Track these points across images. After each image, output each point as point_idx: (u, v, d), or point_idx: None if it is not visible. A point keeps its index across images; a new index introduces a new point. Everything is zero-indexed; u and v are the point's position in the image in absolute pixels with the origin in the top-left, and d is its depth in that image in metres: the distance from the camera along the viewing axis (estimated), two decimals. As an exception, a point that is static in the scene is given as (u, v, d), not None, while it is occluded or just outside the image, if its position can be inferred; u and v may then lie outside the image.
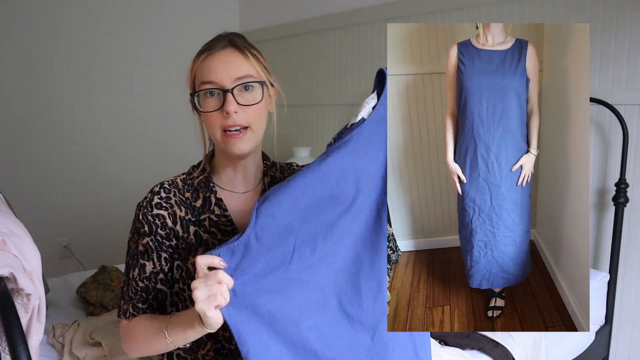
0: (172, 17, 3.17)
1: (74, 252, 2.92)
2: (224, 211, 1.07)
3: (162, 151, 3.18)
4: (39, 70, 2.74)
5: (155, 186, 1.08)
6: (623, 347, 2.01)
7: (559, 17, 2.03)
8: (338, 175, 0.92)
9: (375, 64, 2.68)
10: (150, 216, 1.03)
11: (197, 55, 1.04)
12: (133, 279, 1.04)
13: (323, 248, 0.92)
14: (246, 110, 0.99)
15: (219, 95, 0.99)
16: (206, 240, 1.05)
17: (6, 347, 0.85)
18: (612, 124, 1.94)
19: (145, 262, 1.04)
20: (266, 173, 1.13)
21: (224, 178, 1.09)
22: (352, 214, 0.94)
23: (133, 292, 1.04)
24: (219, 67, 0.99)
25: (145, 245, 1.04)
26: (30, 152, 2.76)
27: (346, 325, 0.94)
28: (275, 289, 0.89)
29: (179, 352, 1.08)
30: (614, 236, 1.91)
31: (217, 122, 0.99)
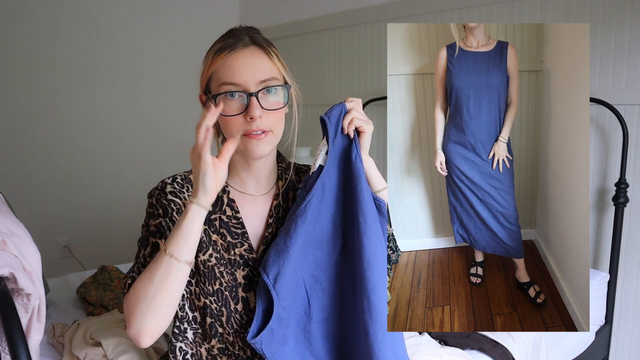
0: (173, 16, 3.17)
1: (74, 252, 2.93)
2: (235, 212, 1.05)
3: (163, 151, 3.18)
4: (39, 70, 2.74)
5: (167, 178, 1.05)
6: (623, 347, 2.01)
7: (559, 17, 2.03)
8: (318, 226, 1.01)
9: (375, 64, 2.68)
10: (164, 200, 1.01)
11: (216, 52, 0.98)
12: (143, 257, 0.99)
13: (330, 287, 1.03)
14: (269, 114, 0.97)
15: (240, 98, 0.96)
16: (215, 240, 1.03)
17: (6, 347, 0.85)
18: (612, 124, 1.94)
19: (158, 240, 0.99)
20: (280, 176, 1.11)
21: (237, 179, 1.07)
22: (346, 256, 1.03)
23: (139, 270, 0.98)
24: (243, 68, 0.96)
25: (158, 226, 1.00)
26: (31, 152, 2.76)
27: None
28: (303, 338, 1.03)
29: (181, 346, 1.05)
30: (614, 236, 1.91)
31: (238, 126, 0.96)
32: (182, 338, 1.04)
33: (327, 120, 1.00)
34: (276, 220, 1.07)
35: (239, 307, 1.02)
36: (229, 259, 1.03)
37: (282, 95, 1.00)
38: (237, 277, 1.03)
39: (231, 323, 1.02)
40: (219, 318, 1.02)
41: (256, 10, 3.37)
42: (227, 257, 1.03)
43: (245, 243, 1.04)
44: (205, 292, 1.01)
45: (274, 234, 1.07)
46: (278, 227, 1.07)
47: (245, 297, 1.03)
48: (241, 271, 1.03)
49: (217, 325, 1.02)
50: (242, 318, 1.03)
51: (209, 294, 1.01)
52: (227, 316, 1.02)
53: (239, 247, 1.04)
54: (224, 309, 1.02)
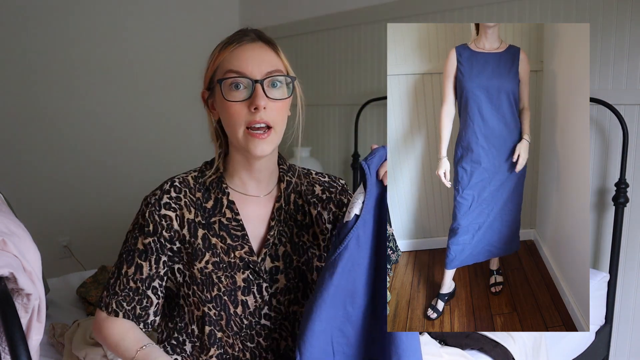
0: (172, 16, 3.17)
1: (74, 252, 2.92)
2: (235, 215, 1.03)
3: (163, 151, 3.18)
4: (38, 69, 2.74)
5: (165, 183, 1.04)
6: (623, 347, 2.01)
7: (559, 17, 2.03)
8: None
9: (375, 64, 2.68)
10: (157, 215, 1.00)
11: (224, 46, 0.99)
12: (125, 275, 1.00)
13: (357, 341, 0.98)
14: (273, 107, 0.96)
15: (246, 89, 0.95)
16: (214, 244, 1.02)
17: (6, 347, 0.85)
18: (612, 124, 1.94)
19: (143, 262, 1.00)
20: (282, 178, 1.09)
21: (237, 180, 1.06)
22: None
23: (120, 289, 1.00)
24: (250, 58, 0.96)
25: (146, 245, 1.00)
26: (30, 152, 2.76)
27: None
28: None
29: (177, 358, 1.05)
30: (614, 236, 1.91)
31: (241, 117, 0.95)
32: (180, 350, 1.04)
33: (366, 169, 0.94)
34: (278, 223, 1.06)
35: (239, 310, 1.02)
36: (228, 262, 1.02)
37: (287, 89, 1.00)
38: (237, 280, 1.02)
39: (231, 326, 1.02)
40: (218, 323, 1.01)
41: (256, 10, 3.37)
42: (226, 260, 1.02)
43: (246, 245, 1.03)
44: (203, 300, 1.00)
45: (276, 236, 1.06)
46: (280, 229, 1.06)
47: (245, 300, 1.02)
48: (241, 274, 1.02)
49: (217, 331, 1.01)
50: (242, 321, 1.02)
51: (207, 301, 1.01)
52: (227, 320, 1.01)
53: (239, 250, 1.03)
54: (223, 313, 1.01)
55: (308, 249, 1.08)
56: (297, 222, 1.09)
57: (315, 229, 1.09)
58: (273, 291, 1.04)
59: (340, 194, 1.13)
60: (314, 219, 1.10)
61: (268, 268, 1.04)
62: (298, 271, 1.06)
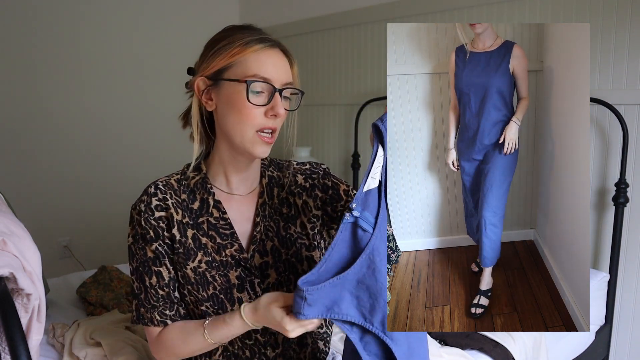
0: (172, 16, 3.17)
1: (74, 252, 2.93)
2: (222, 214, 1.04)
3: (162, 150, 3.18)
4: (37, 69, 2.74)
5: (149, 187, 1.04)
6: (623, 347, 2.01)
7: (559, 17, 2.03)
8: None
9: (375, 64, 2.68)
10: (152, 220, 1.00)
11: (247, 43, 0.96)
12: (151, 286, 1.01)
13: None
14: (282, 115, 0.98)
15: (264, 94, 0.96)
16: (205, 244, 1.03)
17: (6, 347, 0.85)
18: (612, 124, 1.94)
19: (160, 268, 1.01)
20: (263, 174, 1.11)
21: (222, 179, 1.06)
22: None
23: (154, 300, 1.01)
24: (274, 66, 0.97)
25: (155, 251, 1.01)
26: (30, 152, 2.76)
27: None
28: None
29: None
30: (614, 236, 1.91)
31: (256, 120, 0.95)
32: None
33: (383, 129, 0.86)
34: (263, 218, 1.07)
35: (235, 307, 1.02)
36: (220, 261, 1.03)
37: (295, 102, 1.02)
38: (231, 279, 1.03)
39: None
40: None
41: (256, 10, 3.37)
42: (218, 260, 1.03)
43: (235, 243, 1.04)
44: (200, 300, 1.01)
45: (262, 232, 1.07)
46: (266, 224, 1.07)
47: (240, 297, 1.03)
48: (234, 272, 1.03)
49: None
50: None
51: (204, 300, 1.01)
52: None
53: (229, 248, 1.04)
54: (221, 312, 1.02)
55: (296, 240, 1.08)
56: (283, 215, 1.09)
57: (303, 218, 1.10)
58: (265, 286, 1.05)
59: (323, 178, 1.13)
60: (300, 209, 1.10)
61: (258, 264, 1.05)
62: (288, 264, 1.07)
